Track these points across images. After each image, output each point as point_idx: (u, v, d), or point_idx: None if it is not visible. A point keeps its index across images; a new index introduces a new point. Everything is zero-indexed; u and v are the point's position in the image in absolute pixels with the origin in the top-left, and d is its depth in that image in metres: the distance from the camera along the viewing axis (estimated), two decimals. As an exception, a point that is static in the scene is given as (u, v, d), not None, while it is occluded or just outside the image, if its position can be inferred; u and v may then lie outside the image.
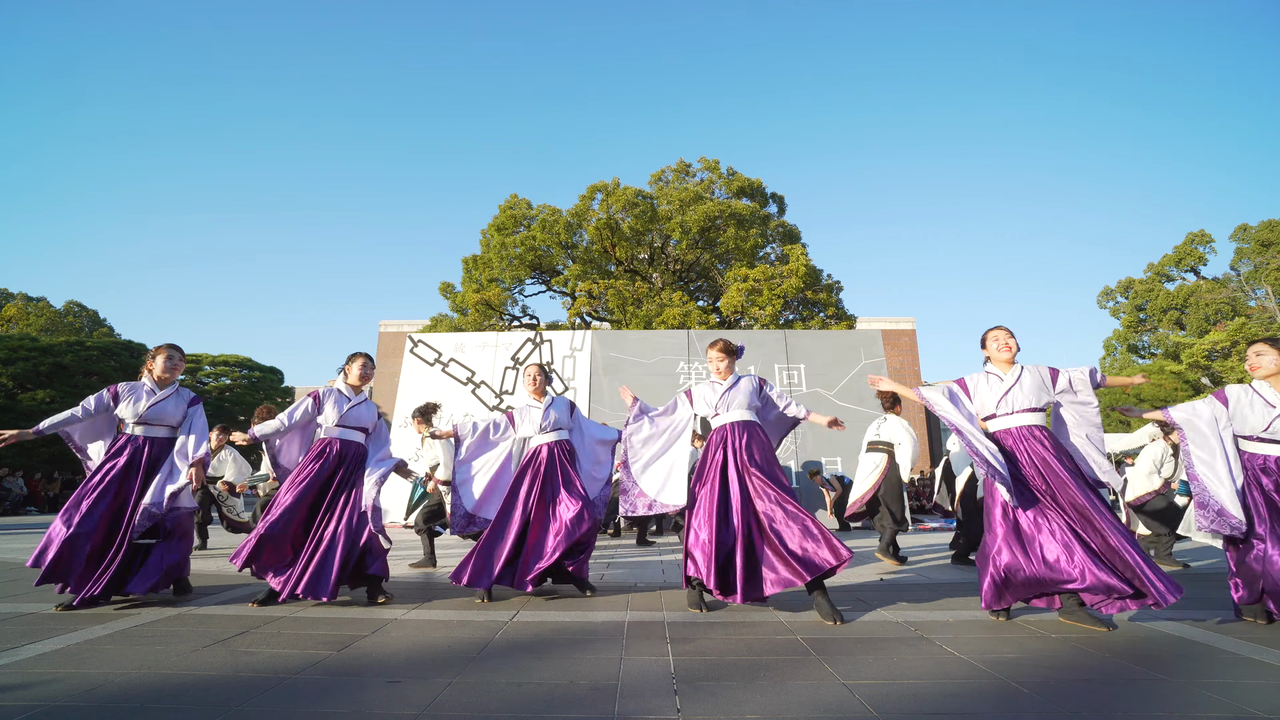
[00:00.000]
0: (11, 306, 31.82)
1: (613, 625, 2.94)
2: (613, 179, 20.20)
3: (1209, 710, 1.85)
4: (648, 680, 2.12)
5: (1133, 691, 2.02)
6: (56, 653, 2.49)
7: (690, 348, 10.43)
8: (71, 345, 20.75)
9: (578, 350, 10.51)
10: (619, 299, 18.54)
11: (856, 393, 9.91)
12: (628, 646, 2.55)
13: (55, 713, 1.84)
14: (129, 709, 1.88)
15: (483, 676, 2.17)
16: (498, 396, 10.25)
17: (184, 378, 24.87)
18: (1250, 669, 2.26)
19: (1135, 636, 2.73)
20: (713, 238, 20.14)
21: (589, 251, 20.61)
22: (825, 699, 1.94)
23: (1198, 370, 24.32)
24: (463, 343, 10.88)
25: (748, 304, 18.14)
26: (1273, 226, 27.72)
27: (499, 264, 20.52)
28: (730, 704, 1.90)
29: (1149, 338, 31.06)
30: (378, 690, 2.03)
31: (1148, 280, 30.86)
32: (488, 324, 19.87)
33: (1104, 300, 32.87)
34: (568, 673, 2.21)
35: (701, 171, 22.02)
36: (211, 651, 2.49)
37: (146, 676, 2.17)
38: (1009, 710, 1.86)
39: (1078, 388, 3.14)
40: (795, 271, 18.50)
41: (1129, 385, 3.51)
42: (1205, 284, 29.14)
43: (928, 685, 2.07)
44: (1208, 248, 29.62)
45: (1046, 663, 2.33)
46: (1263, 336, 5.89)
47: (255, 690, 2.02)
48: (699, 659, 2.37)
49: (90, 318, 34.91)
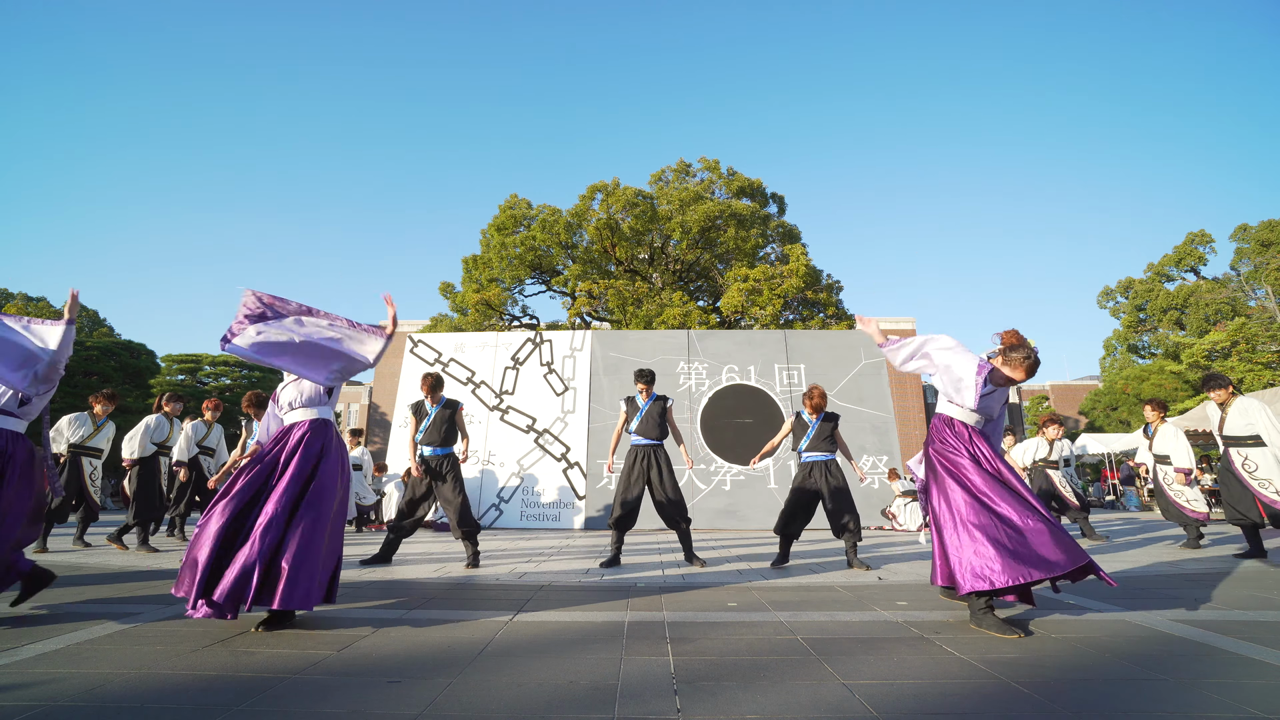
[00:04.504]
0: (11, 306, 31.83)
1: (613, 625, 2.94)
2: (613, 179, 20.22)
3: (1209, 710, 1.85)
4: (648, 680, 2.12)
5: (1133, 691, 2.02)
6: (56, 653, 2.48)
7: (690, 348, 10.43)
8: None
9: (578, 350, 10.51)
10: (619, 299, 18.55)
11: (857, 393, 9.91)
12: (628, 647, 2.55)
13: (55, 713, 1.84)
14: (129, 709, 1.88)
15: (483, 676, 2.17)
16: (498, 396, 10.25)
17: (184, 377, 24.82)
18: (1250, 669, 2.26)
19: (1135, 636, 2.73)
20: (713, 238, 20.16)
21: (589, 251, 20.63)
22: (825, 699, 1.94)
23: (1198, 370, 24.32)
24: (463, 343, 10.88)
25: (748, 304, 18.16)
26: (1273, 226, 27.73)
27: (499, 264, 20.54)
28: (730, 704, 1.90)
29: (1149, 338, 31.09)
30: (378, 690, 2.03)
31: (1148, 280, 30.89)
32: (488, 324, 19.88)
33: (1104, 300, 32.90)
34: (568, 673, 2.21)
35: (701, 171, 22.05)
36: (211, 651, 2.49)
37: (146, 676, 2.17)
38: (1009, 710, 1.86)
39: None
40: (795, 271, 18.52)
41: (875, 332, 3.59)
42: (1205, 284, 29.16)
43: (928, 685, 2.07)
44: (1208, 248, 29.66)
45: (1046, 663, 2.33)
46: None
47: (255, 690, 2.02)
48: (699, 659, 2.37)
49: (90, 318, 34.92)
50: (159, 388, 21.81)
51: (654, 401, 5.37)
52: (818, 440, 5.18)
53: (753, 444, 9.55)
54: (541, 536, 7.97)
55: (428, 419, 5.22)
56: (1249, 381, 22.23)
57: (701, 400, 9.98)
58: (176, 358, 25.18)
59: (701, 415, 9.86)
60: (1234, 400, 5.79)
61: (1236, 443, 5.68)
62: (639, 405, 5.38)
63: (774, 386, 10.08)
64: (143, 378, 21.94)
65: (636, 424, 5.31)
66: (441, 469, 5.11)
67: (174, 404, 6.82)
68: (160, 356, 24.57)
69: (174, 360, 25.03)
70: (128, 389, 20.47)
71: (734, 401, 9.98)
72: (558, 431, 9.89)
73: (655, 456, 5.23)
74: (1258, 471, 5.52)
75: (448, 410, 5.26)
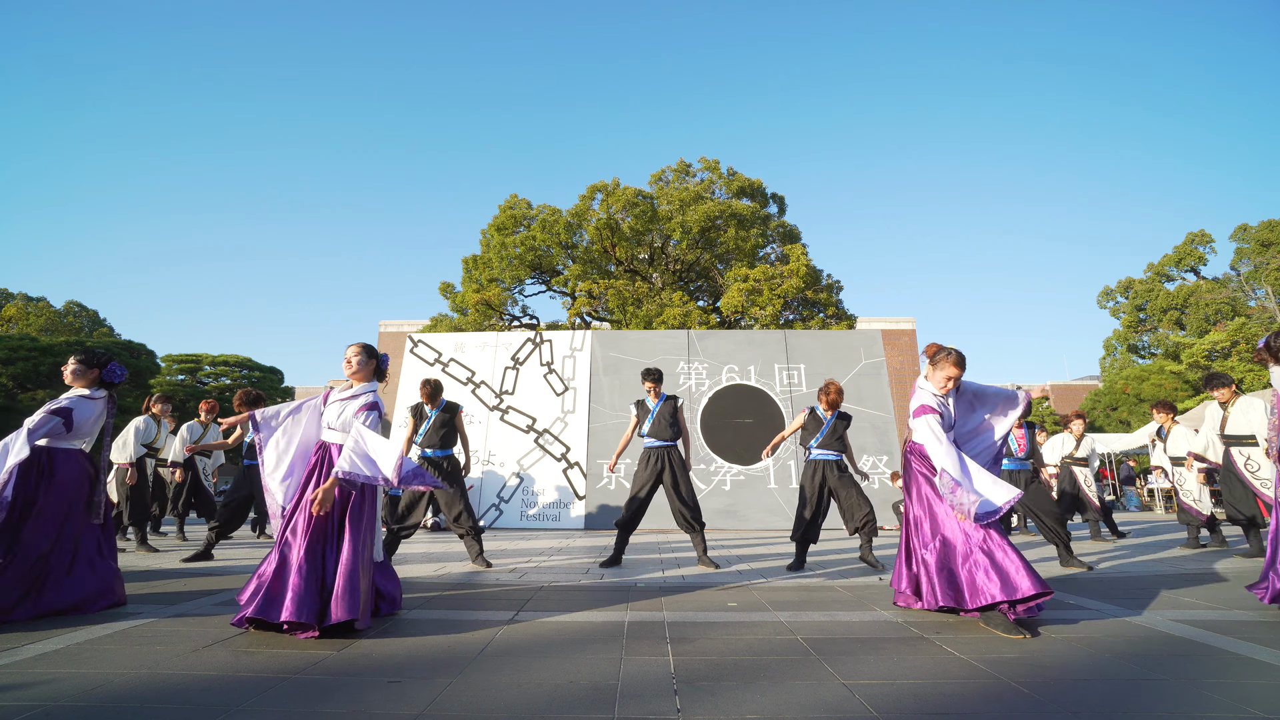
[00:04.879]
0: (11, 306, 31.84)
1: (613, 625, 2.94)
2: (613, 179, 20.21)
3: (1209, 710, 1.85)
4: (648, 680, 2.12)
5: (1133, 691, 2.02)
6: (56, 653, 2.49)
7: (690, 348, 10.43)
8: (71, 345, 20.75)
9: (578, 350, 10.51)
10: (619, 299, 18.54)
11: (857, 393, 9.91)
12: (628, 647, 2.55)
13: (55, 713, 1.84)
14: (129, 709, 1.88)
15: (483, 676, 2.17)
16: (498, 396, 10.25)
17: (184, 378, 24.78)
18: (1250, 669, 2.26)
19: (1135, 636, 2.73)
20: (713, 238, 20.15)
21: (589, 251, 20.62)
22: (825, 699, 1.94)
23: (1198, 370, 24.32)
24: (463, 343, 10.88)
25: (748, 304, 18.15)
26: (1273, 226, 27.73)
27: (499, 264, 20.53)
28: (730, 704, 1.90)
29: (1149, 338, 31.08)
30: (378, 690, 2.03)
31: (1148, 280, 30.88)
32: (488, 324, 19.87)
33: (1104, 300, 32.89)
34: (568, 673, 2.21)
35: (701, 171, 22.03)
36: (211, 651, 2.49)
37: (146, 676, 2.17)
38: (1009, 710, 1.86)
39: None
40: (795, 271, 18.51)
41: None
42: (1205, 284, 29.15)
43: (928, 685, 2.07)
44: (1208, 248, 29.65)
45: (1046, 663, 2.33)
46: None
47: (255, 690, 2.02)
48: (699, 659, 2.37)
49: (90, 318, 34.93)
50: (159, 388, 21.82)
51: (664, 402, 5.29)
52: (830, 438, 5.05)
53: (753, 444, 9.54)
54: (541, 537, 7.97)
55: (427, 421, 5.22)
56: (1249, 382, 22.23)
57: (701, 400, 9.97)
58: (176, 358, 25.18)
59: (701, 415, 9.86)
60: (1237, 400, 5.78)
61: (1239, 442, 5.67)
62: (649, 407, 5.30)
63: (774, 386, 10.08)
64: (143, 378, 21.94)
65: (648, 426, 5.21)
66: (441, 470, 5.11)
67: (163, 405, 6.79)
68: (160, 356, 24.57)
69: (174, 360, 25.03)
70: (128, 389, 20.46)
71: (734, 401, 9.98)
72: (558, 431, 9.89)
73: (669, 458, 5.13)
74: (1260, 471, 5.50)
75: (447, 414, 5.26)
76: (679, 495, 5.04)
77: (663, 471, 5.10)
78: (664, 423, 5.20)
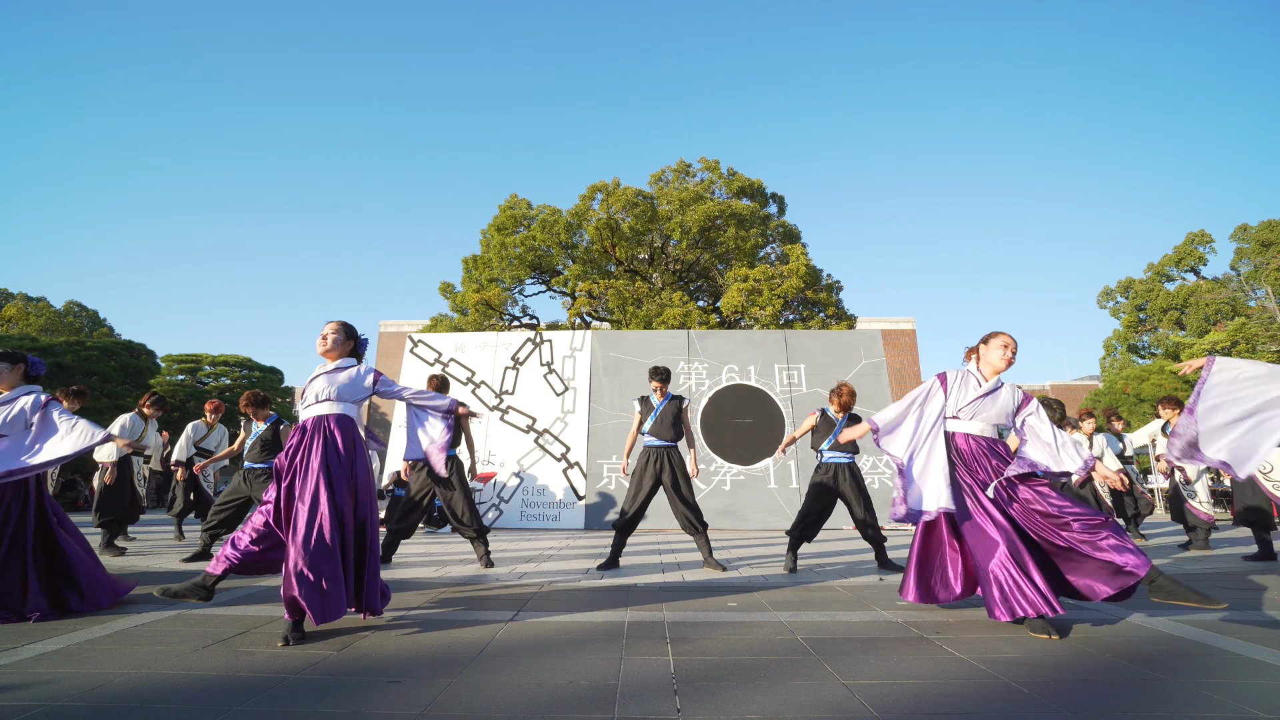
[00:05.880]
0: (11, 306, 31.84)
1: (613, 625, 2.94)
2: (613, 179, 20.22)
3: (1209, 710, 1.85)
4: (648, 680, 2.12)
5: (1133, 691, 2.02)
6: (56, 653, 2.49)
7: (690, 348, 10.43)
8: (71, 345, 20.71)
9: (578, 350, 10.51)
10: (619, 299, 18.55)
11: (857, 392, 9.91)
12: (628, 647, 2.55)
13: (55, 713, 1.84)
14: (129, 709, 1.88)
15: (483, 676, 2.17)
16: (498, 396, 10.25)
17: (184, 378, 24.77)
18: (1250, 669, 2.26)
19: (1135, 636, 2.73)
20: (713, 238, 20.15)
21: (589, 251, 20.62)
22: (825, 699, 1.94)
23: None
24: (463, 343, 10.88)
25: (748, 304, 18.16)
26: (1273, 226, 27.72)
27: (499, 264, 20.53)
28: (730, 704, 1.90)
29: (1149, 338, 31.08)
30: (378, 690, 2.03)
31: (1148, 280, 30.89)
32: (488, 324, 19.87)
33: (1104, 300, 32.90)
34: (568, 673, 2.21)
35: (701, 171, 22.04)
36: (211, 651, 2.49)
37: (146, 676, 2.17)
38: (1009, 710, 1.86)
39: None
40: (795, 271, 18.51)
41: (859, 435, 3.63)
42: (1205, 284, 29.16)
43: (928, 685, 2.07)
44: (1208, 248, 29.64)
45: (1046, 663, 2.33)
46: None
47: (255, 690, 2.02)
48: (699, 659, 2.37)
49: (90, 318, 34.92)
50: (159, 388, 21.82)
51: (669, 401, 5.20)
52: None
53: (753, 444, 9.55)
54: (541, 537, 7.97)
55: None
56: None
57: (701, 400, 9.97)
58: (176, 358, 25.16)
59: (702, 415, 9.86)
60: None
61: None
62: (653, 405, 5.21)
63: (774, 386, 10.08)
64: (143, 378, 21.90)
65: (650, 424, 5.13)
66: (444, 470, 5.10)
67: (155, 407, 6.70)
68: (160, 356, 24.56)
69: (174, 360, 25.01)
70: (128, 389, 20.45)
71: (734, 401, 9.98)
72: (558, 431, 9.89)
73: (669, 459, 5.04)
74: (1271, 473, 5.43)
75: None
76: (680, 497, 4.98)
77: (662, 472, 5.02)
78: (666, 422, 5.14)
